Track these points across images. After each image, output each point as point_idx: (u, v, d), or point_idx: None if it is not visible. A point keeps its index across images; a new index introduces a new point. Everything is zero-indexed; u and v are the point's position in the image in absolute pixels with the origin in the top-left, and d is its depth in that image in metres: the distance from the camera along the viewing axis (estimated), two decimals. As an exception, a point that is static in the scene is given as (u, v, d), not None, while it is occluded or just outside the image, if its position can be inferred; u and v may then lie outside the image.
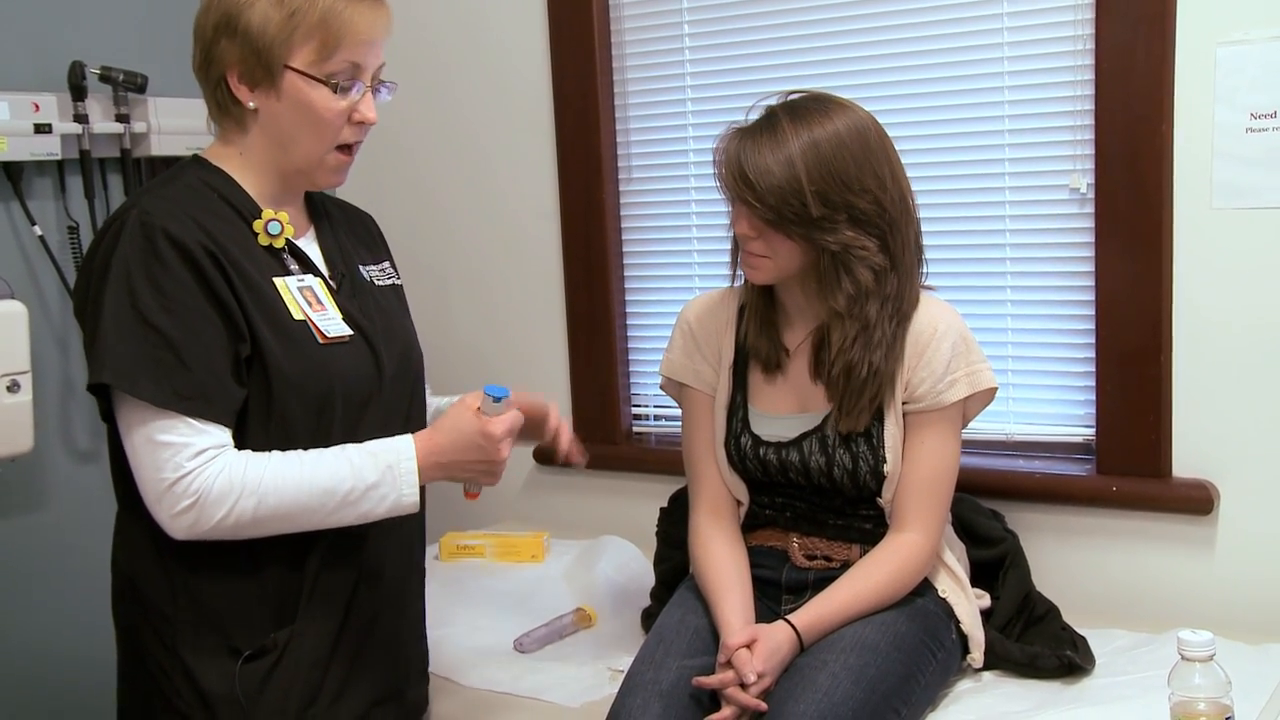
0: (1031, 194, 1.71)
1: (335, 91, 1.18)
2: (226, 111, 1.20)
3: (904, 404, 1.37)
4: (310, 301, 1.19)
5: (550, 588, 1.78)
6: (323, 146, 1.19)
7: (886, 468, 1.36)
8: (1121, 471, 1.65)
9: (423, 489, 1.21)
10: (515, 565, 1.89)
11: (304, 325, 1.17)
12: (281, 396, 1.15)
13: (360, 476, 1.15)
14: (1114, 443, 1.65)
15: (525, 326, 2.11)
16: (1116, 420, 1.65)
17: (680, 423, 1.53)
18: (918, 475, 1.36)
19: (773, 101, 1.33)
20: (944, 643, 1.37)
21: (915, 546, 1.36)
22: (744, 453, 1.43)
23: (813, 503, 1.43)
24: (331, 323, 1.19)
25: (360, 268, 1.30)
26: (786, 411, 1.41)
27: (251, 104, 1.18)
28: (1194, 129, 1.56)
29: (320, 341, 1.17)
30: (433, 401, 1.43)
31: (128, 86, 1.80)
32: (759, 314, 1.42)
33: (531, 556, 1.90)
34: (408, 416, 1.29)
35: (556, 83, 2.00)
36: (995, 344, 1.74)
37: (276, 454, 1.15)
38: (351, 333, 1.21)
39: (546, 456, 2.05)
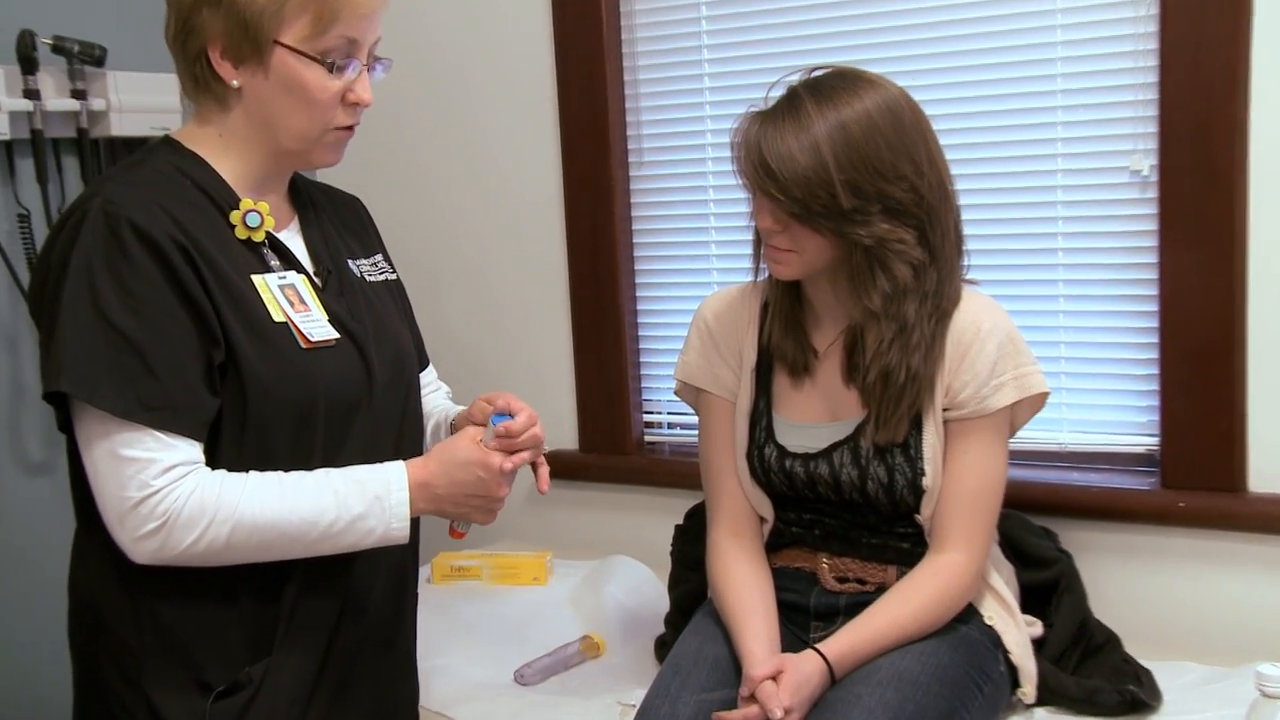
0: (1087, 177, 1.69)
1: (331, 71, 1.16)
2: (205, 89, 1.18)
3: (945, 411, 1.36)
4: (292, 301, 1.18)
5: (554, 613, 1.78)
6: (315, 129, 1.18)
7: (925, 481, 1.36)
8: (1189, 485, 1.63)
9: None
10: (515, 588, 1.89)
11: (285, 328, 1.16)
12: (258, 408, 1.14)
13: (345, 506, 1.14)
14: (1181, 453, 1.64)
15: (526, 324, 2.11)
16: (1183, 428, 1.63)
17: (697, 432, 1.52)
18: (960, 489, 1.36)
19: (795, 79, 1.33)
20: (991, 675, 1.36)
21: (958, 568, 1.35)
22: (768, 465, 1.42)
23: (844, 520, 1.42)
24: (315, 325, 1.18)
25: (350, 263, 1.29)
26: (815, 420, 1.41)
27: (235, 82, 1.16)
28: (1271, 104, 1.55)
29: (303, 346, 1.16)
30: (441, 406, 1.42)
31: (84, 59, 1.77)
32: (784, 312, 1.42)
33: (533, 579, 1.90)
34: (400, 430, 1.28)
35: (560, 55, 2.00)
36: (1046, 343, 1.73)
37: (254, 475, 1.14)
38: (338, 336, 1.20)
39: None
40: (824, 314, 1.41)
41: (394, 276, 1.36)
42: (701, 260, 1.99)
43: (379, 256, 1.35)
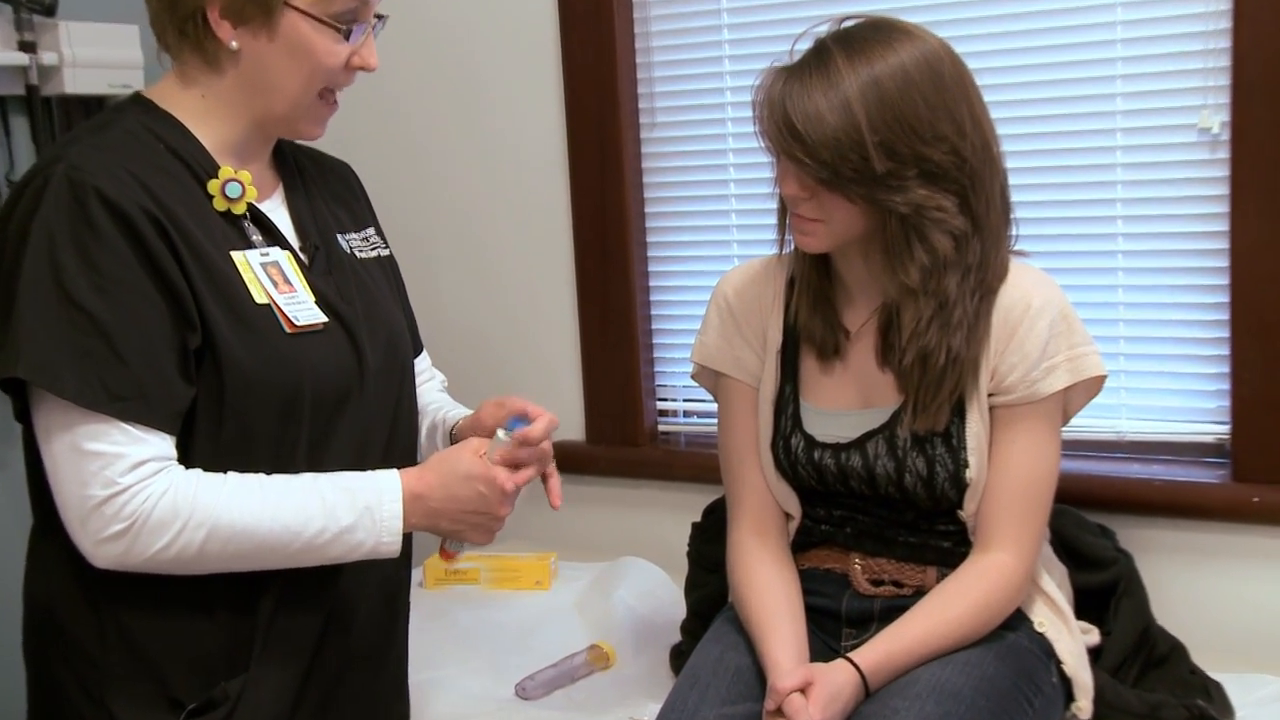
0: (1150, 136, 1.68)
1: (345, 37, 1.17)
2: (196, 47, 1.17)
3: (990, 396, 1.36)
4: (276, 281, 1.18)
5: (559, 620, 1.78)
6: (310, 93, 1.19)
7: (969, 474, 1.35)
8: (1264, 478, 1.62)
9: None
10: (516, 594, 1.89)
11: (268, 311, 1.16)
12: (237, 398, 1.13)
13: (332, 516, 1.14)
14: (1254, 442, 1.63)
15: (528, 303, 2.11)
16: (1257, 414, 1.62)
17: (716, 420, 1.52)
18: (1008, 483, 1.35)
19: (824, 30, 1.32)
20: (1042, 688, 1.35)
21: (1005, 570, 1.35)
22: (795, 456, 1.42)
23: (879, 517, 1.42)
24: (301, 307, 1.18)
25: (339, 237, 1.29)
26: (846, 406, 1.41)
27: (234, 43, 1.16)
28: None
29: (287, 331, 1.16)
30: (436, 403, 1.41)
31: (33, 7, 1.75)
32: (812, 288, 1.41)
33: (536, 583, 1.90)
34: (393, 423, 1.28)
35: (564, 2, 1.99)
36: (1104, 321, 1.72)
37: (234, 476, 1.14)
38: (326, 319, 1.20)
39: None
40: (856, 290, 1.40)
41: (386, 252, 1.35)
42: (720, 231, 1.98)
43: (370, 230, 1.35)
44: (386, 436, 1.27)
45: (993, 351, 1.34)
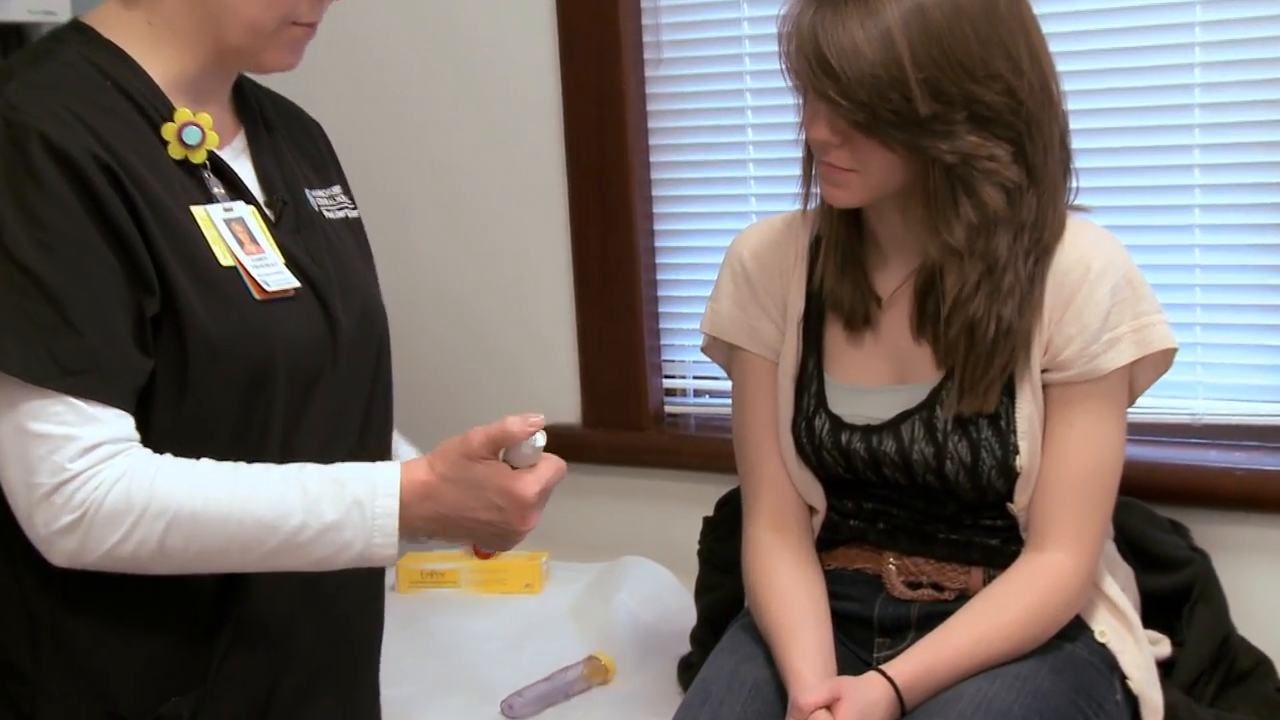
0: (1232, 71, 1.66)
1: None
2: None
3: (1044, 373, 1.35)
4: (242, 240, 1.18)
5: (551, 629, 1.78)
6: (271, 20, 1.18)
7: (1020, 461, 1.35)
8: (1360, 467, 1.62)
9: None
10: (503, 598, 1.89)
11: (234, 273, 1.16)
12: (201, 372, 1.13)
13: (314, 510, 1.13)
14: (1348, 426, 1.62)
15: (515, 267, 2.11)
16: (1352, 394, 1.62)
17: (730, 400, 1.52)
18: (1065, 472, 1.35)
19: (862, -50, 1.33)
20: (1105, 706, 1.35)
21: (1062, 571, 1.35)
22: (819, 440, 1.41)
23: (916, 510, 1.41)
24: (271, 270, 1.18)
25: (307, 193, 1.29)
26: (878, 383, 1.41)
27: None
28: None
29: (256, 297, 1.16)
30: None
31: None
32: (840, 249, 1.41)
33: (525, 586, 1.90)
34: (368, 405, 1.28)
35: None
36: (1177, 287, 1.71)
37: (204, 463, 1.13)
38: (298, 284, 1.20)
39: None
40: (890, 250, 1.40)
41: (355, 214, 1.36)
42: (737, 184, 1.98)
43: (337, 189, 1.35)
44: (360, 425, 1.27)
45: (1047, 321, 1.34)
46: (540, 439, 1.14)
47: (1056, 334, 1.34)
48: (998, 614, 1.33)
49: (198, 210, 1.17)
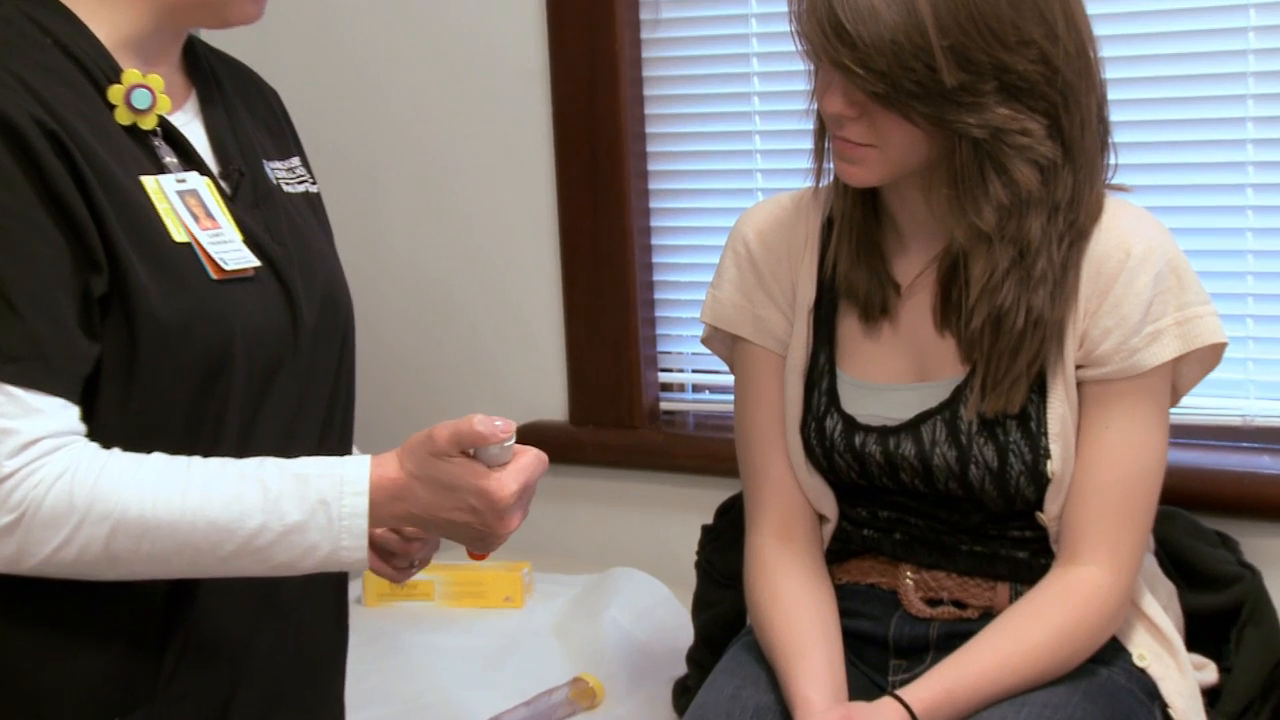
0: (1288, 37, 1.66)
1: None
2: None
3: (1079, 369, 1.35)
4: (197, 215, 1.18)
5: (534, 647, 1.78)
6: None
7: (1052, 466, 1.35)
8: None
9: None
10: (481, 613, 1.89)
11: (188, 251, 1.16)
12: (153, 359, 1.13)
13: (275, 509, 1.13)
14: None
15: (497, 249, 2.11)
16: None
17: (732, 396, 1.52)
18: (1101, 478, 1.36)
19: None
20: (1143, 736, 1.37)
21: (1097, 588, 1.35)
22: (830, 442, 1.41)
23: (937, 519, 1.41)
24: (228, 247, 1.18)
25: (265, 165, 1.29)
26: (896, 379, 1.41)
27: None
28: None
29: (213, 277, 1.16)
30: None
31: None
32: (856, 231, 1.41)
33: (505, 599, 1.90)
34: (330, 406, 1.28)
35: None
36: (1226, 275, 1.70)
37: (157, 458, 1.13)
38: (258, 263, 1.21)
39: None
40: (910, 233, 1.40)
41: (315, 189, 1.36)
42: (741, 158, 1.97)
43: (297, 161, 1.35)
44: (321, 422, 1.27)
45: (1082, 312, 1.34)
46: (511, 442, 1.13)
47: (1093, 326, 1.34)
48: (1025, 634, 1.33)
49: (148, 181, 1.17)
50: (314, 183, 1.36)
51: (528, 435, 1.23)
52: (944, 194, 1.33)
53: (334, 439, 1.30)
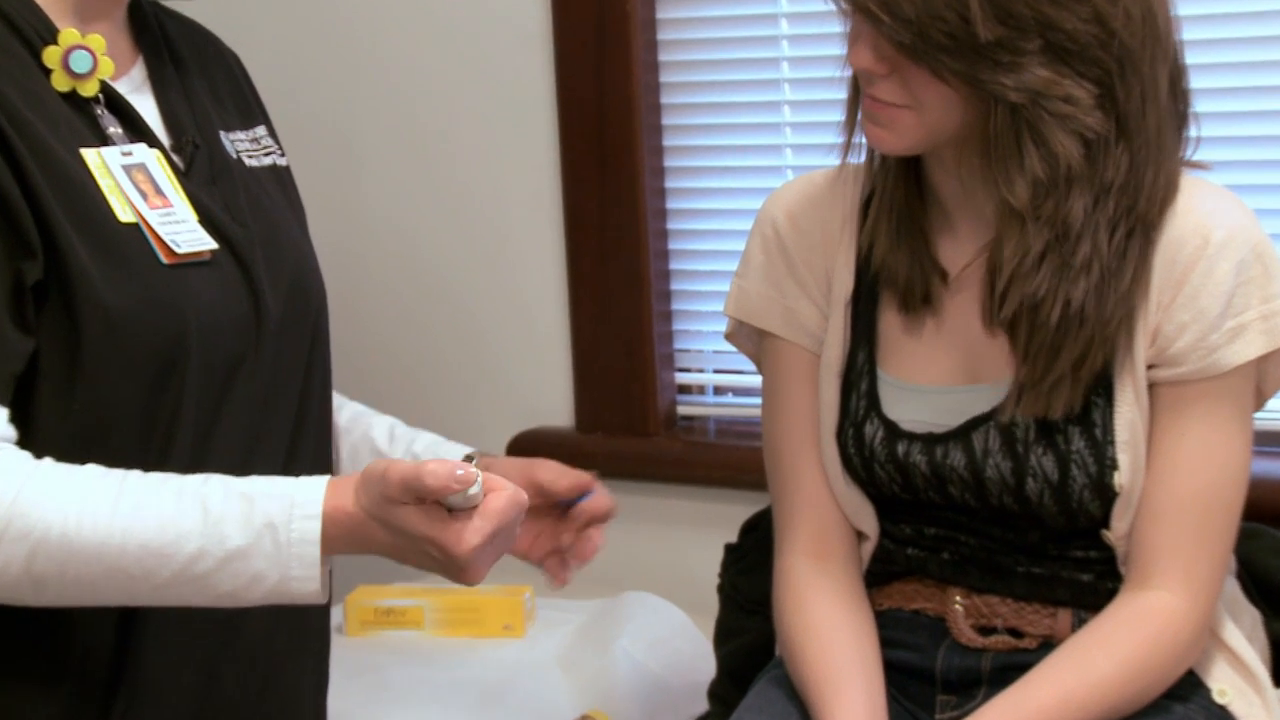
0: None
1: None
2: None
3: (1150, 369, 1.35)
4: (146, 192, 1.18)
5: (536, 682, 1.79)
6: None
7: (1119, 478, 1.35)
8: None
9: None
10: (477, 643, 1.89)
11: (136, 232, 1.17)
12: (96, 353, 1.14)
13: (216, 534, 1.13)
14: None
15: (494, 234, 2.11)
16: None
17: (760, 399, 1.52)
18: (1175, 492, 1.36)
19: None
20: (1223, 782, 1.37)
21: (1171, 615, 1.35)
22: (870, 451, 1.42)
23: (990, 537, 1.41)
24: (181, 228, 1.19)
25: (224, 136, 1.30)
26: (943, 381, 1.41)
27: None
28: None
29: (165, 261, 1.17)
30: (358, 417, 1.40)
31: None
32: (896, 210, 1.41)
33: (504, 628, 1.91)
34: (301, 401, 1.29)
35: None
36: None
37: (89, 470, 1.13)
38: (215, 245, 1.21)
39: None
40: (959, 215, 1.40)
41: (283, 161, 1.36)
42: (769, 132, 1.98)
43: (262, 130, 1.36)
44: (292, 425, 1.27)
45: (1154, 305, 1.34)
46: (475, 489, 1.11)
47: (1166, 321, 1.34)
48: (1090, 667, 1.33)
49: (89, 154, 1.17)
50: (282, 154, 1.36)
51: (528, 442, 1.25)
52: (976, 165, 1.33)
53: (308, 448, 1.30)
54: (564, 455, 2.02)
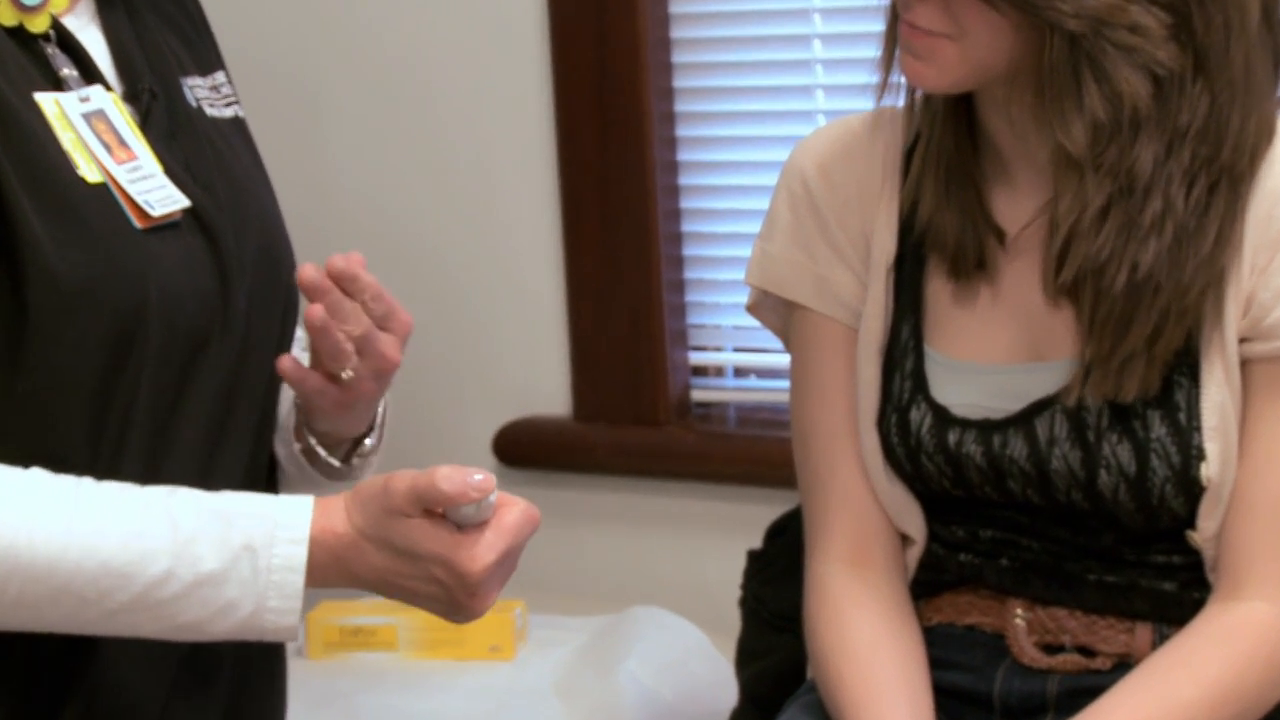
0: None
1: None
2: None
3: (1243, 343, 1.36)
4: (109, 144, 1.19)
5: (528, 711, 1.80)
6: None
7: (1207, 470, 1.35)
8: None
9: None
10: (459, 666, 1.90)
11: (105, 193, 1.18)
12: (45, 332, 1.14)
13: (187, 554, 1.13)
14: None
15: (479, 193, 2.13)
16: None
17: (788, 382, 1.52)
18: (1273, 487, 1.36)
19: None
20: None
21: (1268, 629, 1.36)
22: (917, 440, 1.42)
23: (1057, 541, 1.42)
24: (152, 184, 1.20)
25: (183, 82, 1.30)
26: (1000, 359, 1.42)
27: None
28: None
29: (137, 225, 1.18)
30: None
31: None
32: (945, 162, 1.41)
33: (491, 649, 1.92)
34: (270, 386, 1.30)
35: None
36: None
37: (34, 476, 1.14)
38: (188, 203, 1.22)
39: (515, 453, 2.04)
40: (1017, 164, 1.40)
41: (243, 112, 1.37)
42: (797, 70, 1.99)
43: (221, 76, 1.36)
44: (259, 414, 1.28)
45: (1247, 269, 1.34)
46: (491, 498, 1.12)
47: (1262, 287, 1.34)
48: (1174, 691, 1.33)
49: (45, 101, 1.18)
50: (240, 105, 1.36)
51: (518, 434, 1.24)
52: (1029, 104, 1.33)
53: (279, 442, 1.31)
54: (561, 448, 2.03)
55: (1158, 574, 1.40)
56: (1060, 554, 1.41)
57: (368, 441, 1.35)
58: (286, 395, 1.36)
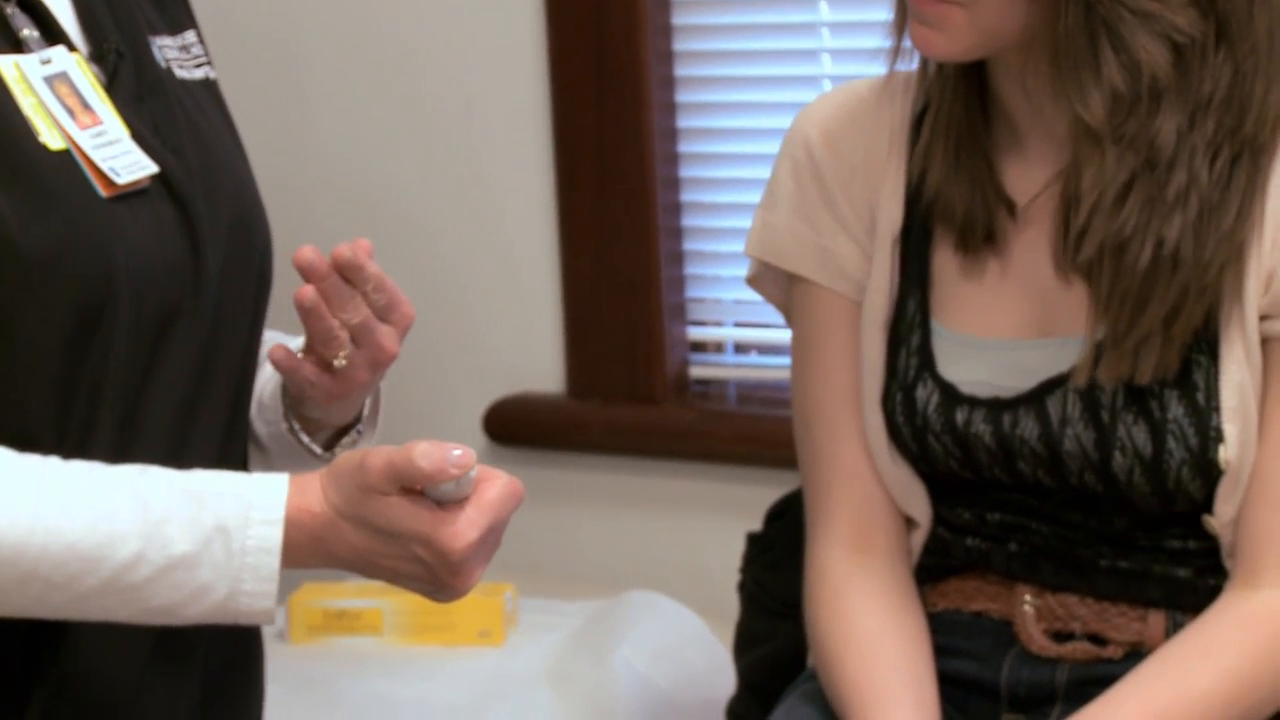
0: None
1: None
2: None
3: (1264, 320, 1.36)
4: (72, 108, 1.19)
5: (519, 699, 1.80)
6: None
7: (1225, 452, 1.36)
8: None
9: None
10: (448, 652, 1.91)
11: (67, 160, 1.17)
12: (10, 306, 1.14)
13: (159, 535, 1.13)
14: None
15: (467, 159, 2.13)
16: None
17: (789, 358, 1.53)
18: None
19: None
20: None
21: None
22: (923, 419, 1.42)
23: (1067, 525, 1.42)
24: (117, 149, 1.20)
25: (152, 42, 1.30)
26: (1010, 334, 1.42)
27: None
28: None
29: (103, 194, 1.18)
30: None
31: None
32: (955, 130, 1.41)
33: (481, 634, 1.92)
34: (244, 362, 1.30)
35: None
36: None
37: (3, 456, 1.13)
38: (156, 169, 1.21)
39: (506, 431, 2.04)
40: (1030, 133, 1.40)
41: (214, 74, 1.36)
42: (802, 34, 1.99)
43: (192, 35, 1.36)
44: (233, 393, 1.28)
45: (1268, 245, 1.35)
46: (472, 474, 1.13)
47: (1280, 262, 1.35)
48: (1189, 681, 1.33)
49: (5, 64, 1.17)
50: (212, 67, 1.36)
51: (508, 411, 1.24)
52: (1044, 74, 1.33)
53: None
54: (553, 426, 2.03)
55: (1172, 560, 1.40)
56: (1071, 538, 1.42)
57: (355, 430, 1.35)
58: (267, 373, 1.37)
